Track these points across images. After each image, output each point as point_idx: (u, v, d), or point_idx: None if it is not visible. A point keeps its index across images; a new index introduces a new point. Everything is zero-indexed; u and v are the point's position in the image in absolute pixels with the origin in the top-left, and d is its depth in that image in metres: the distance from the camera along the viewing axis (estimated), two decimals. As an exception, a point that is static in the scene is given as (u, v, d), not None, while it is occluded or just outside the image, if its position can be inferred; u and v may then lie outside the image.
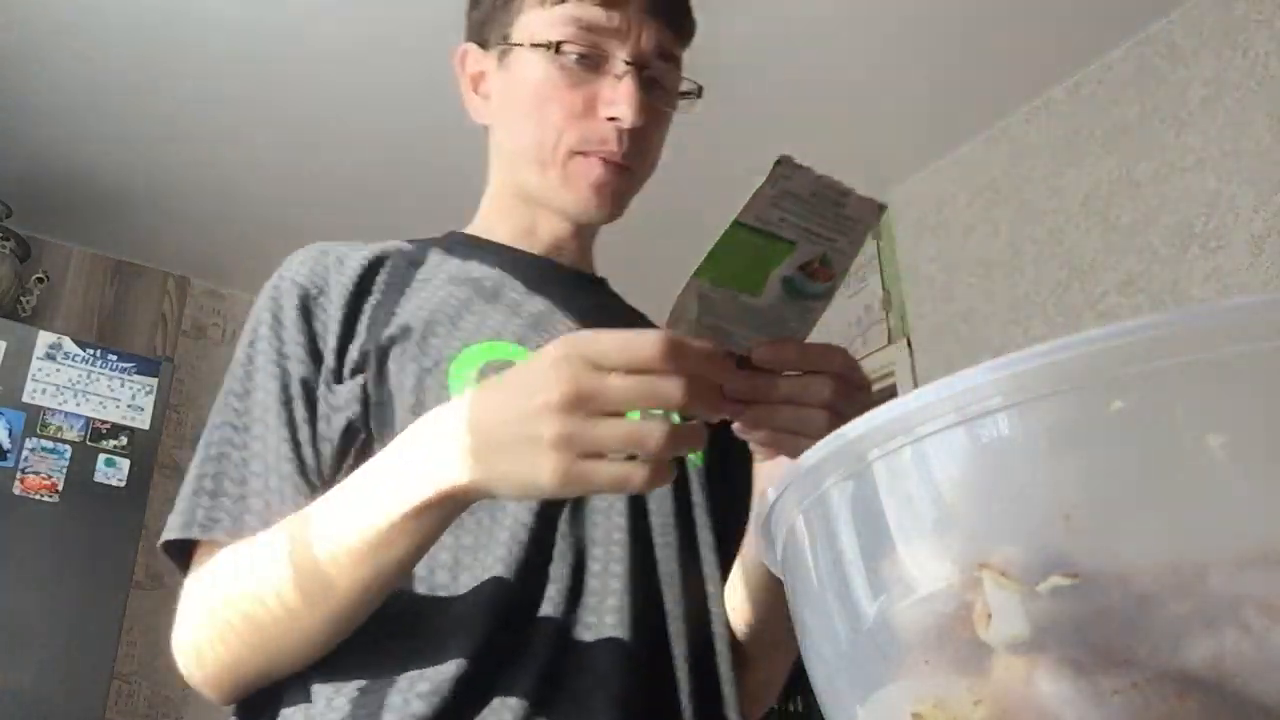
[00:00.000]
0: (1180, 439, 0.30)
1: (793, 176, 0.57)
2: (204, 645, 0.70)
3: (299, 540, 0.67)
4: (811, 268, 0.62)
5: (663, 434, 0.54)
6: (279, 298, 0.83)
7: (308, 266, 0.85)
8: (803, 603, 0.39)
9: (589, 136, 0.82)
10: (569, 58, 0.82)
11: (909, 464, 0.34)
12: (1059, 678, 0.30)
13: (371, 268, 0.84)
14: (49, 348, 2.76)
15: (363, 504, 0.64)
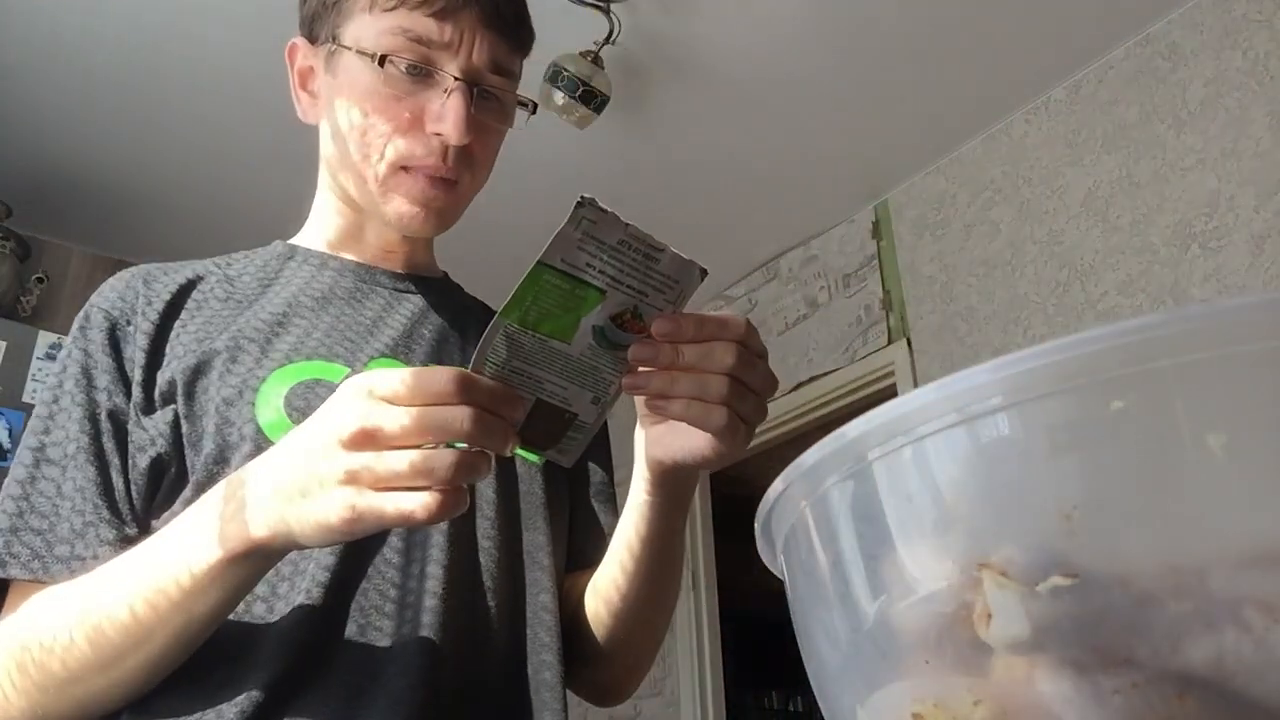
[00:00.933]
0: (1180, 439, 0.30)
1: (598, 221, 0.56)
2: (7, 690, 0.67)
3: (112, 588, 0.65)
4: (623, 319, 0.61)
5: (450, 461, 0.54)
6: (87, 327, 0.79)
7: (116, 293, 0.81)
8: (803, 603, 0.39)
9: (413, 151, 0.80)
10: (397, 69, 0.80)
11: (909, 464, 0.34)
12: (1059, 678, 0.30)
13: (183, 291, 0.82)
14: (49, 348, 2.76)
15: (174, 556, 0.63)
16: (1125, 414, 0.30)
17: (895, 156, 2.96)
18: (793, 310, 3.27)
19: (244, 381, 0.76)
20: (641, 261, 0.59)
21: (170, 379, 0.76)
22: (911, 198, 3.04)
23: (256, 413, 0.75)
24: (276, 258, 0.89)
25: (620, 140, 2.82)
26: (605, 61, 2.45)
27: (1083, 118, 2.63)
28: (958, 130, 2.87)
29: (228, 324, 0.80)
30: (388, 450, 0.55)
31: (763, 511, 0.40)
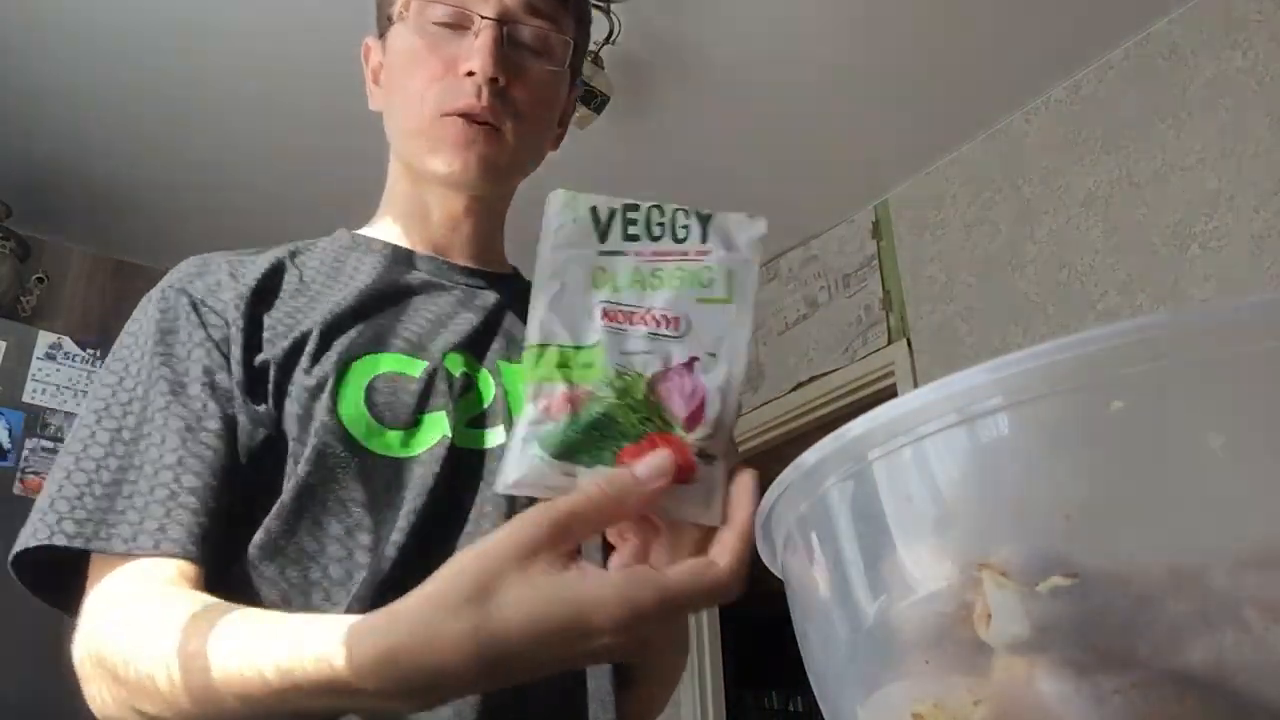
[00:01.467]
0: (1180, 439, 0.30)
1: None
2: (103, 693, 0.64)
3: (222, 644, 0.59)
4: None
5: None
6: (166, 307, 0.77)
7: (198, 276, 0.80)
8: (803, 603, 0.39)
9: (448, 95, 0.81)
10: (432, 24, 0.83)
11: (909, 464, 0.34)
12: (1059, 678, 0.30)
13: (267, 277, 0.81)
14: (49, 348, 2.76)
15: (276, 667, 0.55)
16: (1125, 414, 0.30)
17: (895, 156, 2.96)
18: (793, 310, 3.27)
19: (325, 373, 0.75)
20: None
21: (264, 364, 0.75)
22: (911, 198, 3.04)
23: (339, 405, 0.74)
24: (345, 249, 0.89)
25: (620, 140, 2.82)
26: (605, 61, 2.45)
27: (1083, 118, 2.63)
28: (958, 130, 2.87)
29: (307, 313, 0.79)
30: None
31: (763, 511, 0.40)
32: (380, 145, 0.90)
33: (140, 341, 0.76)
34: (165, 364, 0.74)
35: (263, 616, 0.61)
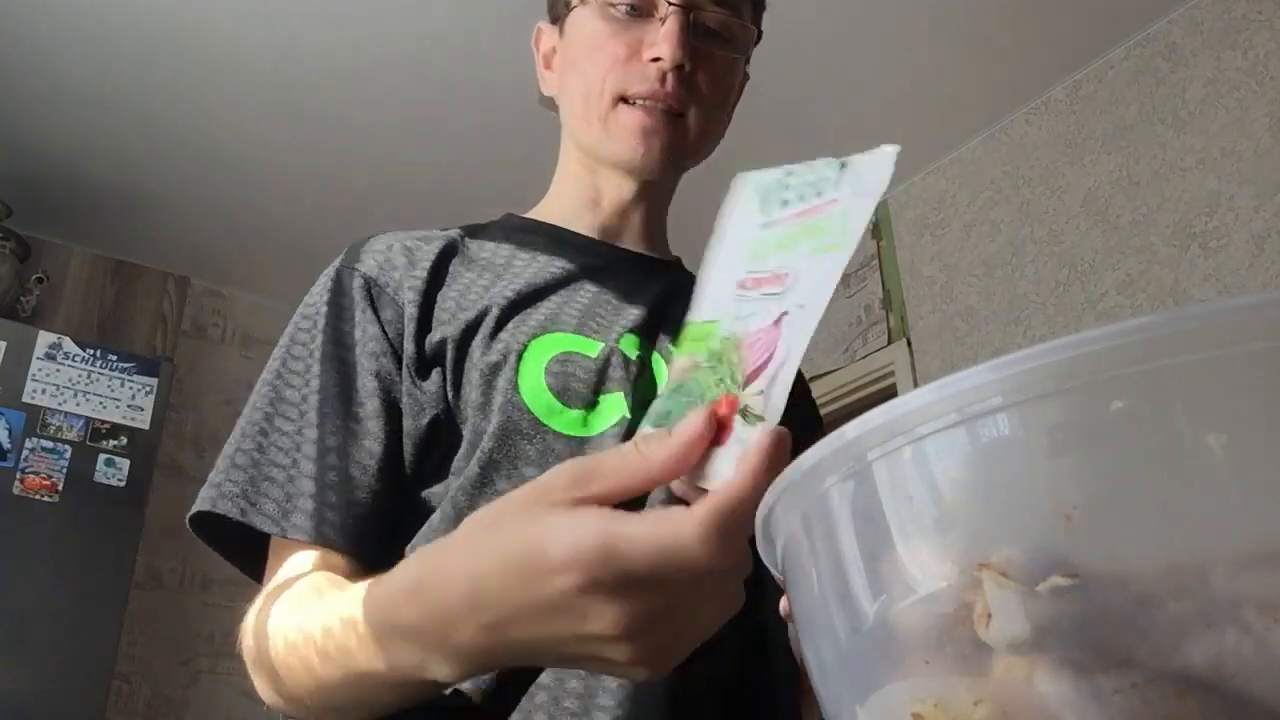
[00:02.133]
0: (1180, 439, 0.30)
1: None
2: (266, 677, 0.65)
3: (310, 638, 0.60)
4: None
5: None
6: (340, 291, 0.79)
7: (374, 258, 0.81)
8: (803, 603, 0.39)
9: (631, 79, 0.81)
10: (617, 9, 0.82)
11: (909, 464, 0.34)
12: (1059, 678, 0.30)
13: (442, 257, 0.82)
14: (49, 348, 2.76)
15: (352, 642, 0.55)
16: (1125, 414, 0.30)
17: (895, 156, 2.96)
18: (793, 310, 3.27)
19: (506, 349, 0.75)
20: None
21: (439, 343, 0.76)
22: (911, 198, 3.04)
23: (519, 380, 0.74)
24: (515, 231, 0.89)
25: (620, 140, 2.82)
26: (605, 61, 2.45)
27: (1083, 118, 2.63)
28: (958, 130, 2.87)
29: (482, 293, 0.80)
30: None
31: (762, 511, 0.40)
32: (379, 150, 0.90)
33: (312, 321, 0.78)
34: (333, 345, 0.76)
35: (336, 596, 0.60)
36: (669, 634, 0.44)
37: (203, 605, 3.33)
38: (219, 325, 3.63)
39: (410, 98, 2.69)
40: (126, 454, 2.76)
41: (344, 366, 0.75)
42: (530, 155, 3.00)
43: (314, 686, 0.60)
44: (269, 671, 0.64)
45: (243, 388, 3.61)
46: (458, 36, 2.48)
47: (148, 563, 3.22)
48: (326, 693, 0.59)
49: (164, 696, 3.19)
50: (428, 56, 2.56)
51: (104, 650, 2.60)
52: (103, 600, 2.63)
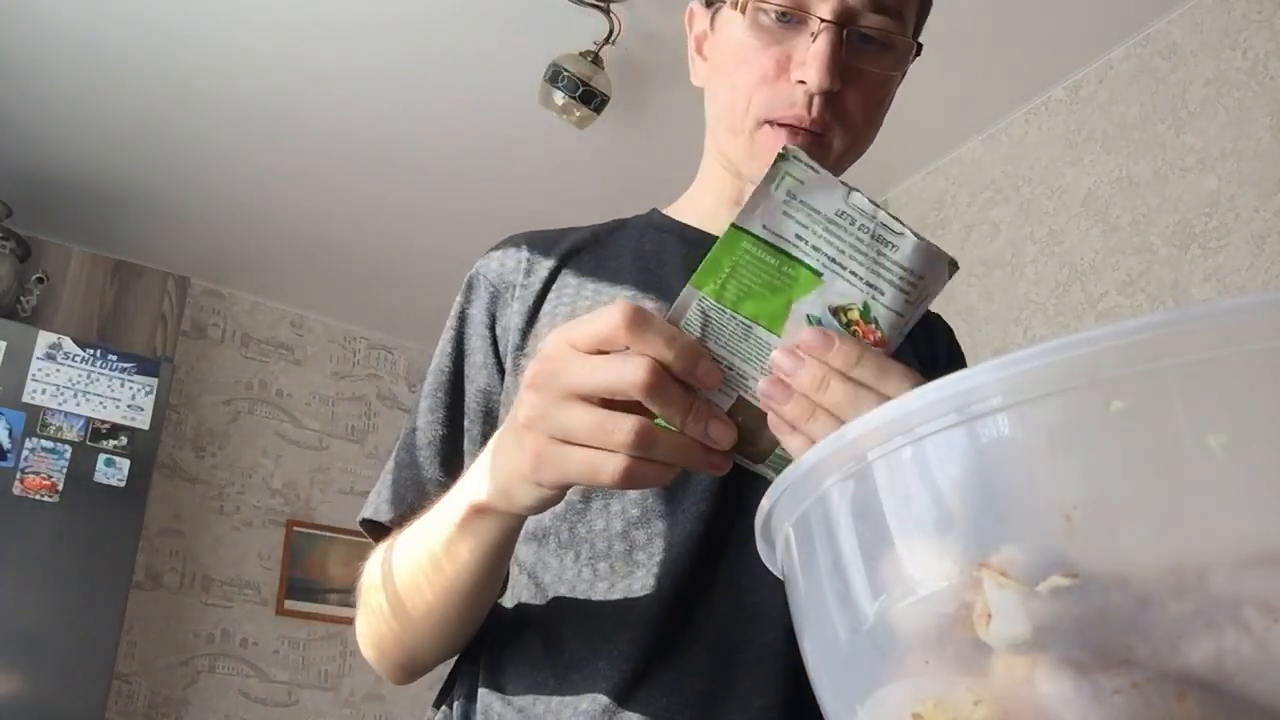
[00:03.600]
0: (1180, 439, 0.30)
1: (807, 181, 0.46)
2: (363, 625, 0.77)
3: (406, 540, 0.72)
4: (849, 316, 0.48)
5: (630, 428, 0.49)
6: (469, 295, 0.84)
7: (500, 263, 0.84)
8: (803, 603, 0.39)
9: (776, 102, 0.75)
10: (767, 17, 0.75)
11: (909, 464, 0.34)
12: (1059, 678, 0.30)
13: (562, 260, 0.83)
14: (49, 348, 2.76)
15: (436, 517, 0.67)
16: (1125, 414, 0.30)
17: (895, 156, 2.96)
18: (793, 310, 3.27)
19: None
20: (870, 244, 0.47)
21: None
22: (911, 198, 3.04)
23: None
24: (653, 229, 0.88)
25: (620, 140, 2.82)
26: (605, 61, 2.45)
27: (1083, 118, 2.62)
28: (958, 130, 2.87)
29: (605, 292, 0.81)
30: (570, 400, 0.51)
31: (763, 511, 0.40)
32: (379, 150, 0.90)
33: (447, 326, 0.84)
34: (453, 350, 0.82)
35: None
36: (552, 427, 0.51)
37: (203, 605, 3.33)
38: (219, 325, 3.63)
39: (411, 100, 2.69)
40: (126, 454, 2.76)
41: (454, 368, 0.82)
42: (530, 167, 3.00)
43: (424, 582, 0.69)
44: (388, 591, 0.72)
45: (242, 388, 3.61)
46: (461, 46, 2.48)
47: (147, 563, 3.22)
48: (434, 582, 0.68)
49: (164, 696, 3.19)
50: (430, 61, 2.56)
51: (104, 650, 2.60)
52: (103, 600, 2.63)
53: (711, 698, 0.68)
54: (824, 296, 0.48)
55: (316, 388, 3.76)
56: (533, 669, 0.72)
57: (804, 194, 0.46)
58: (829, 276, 0.48)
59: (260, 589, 3.43)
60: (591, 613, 0.72)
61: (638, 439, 0.49)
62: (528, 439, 0.53)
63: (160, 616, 3.25)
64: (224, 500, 3.46)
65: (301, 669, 3.43)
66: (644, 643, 0.69)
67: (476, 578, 0.67)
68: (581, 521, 0.74)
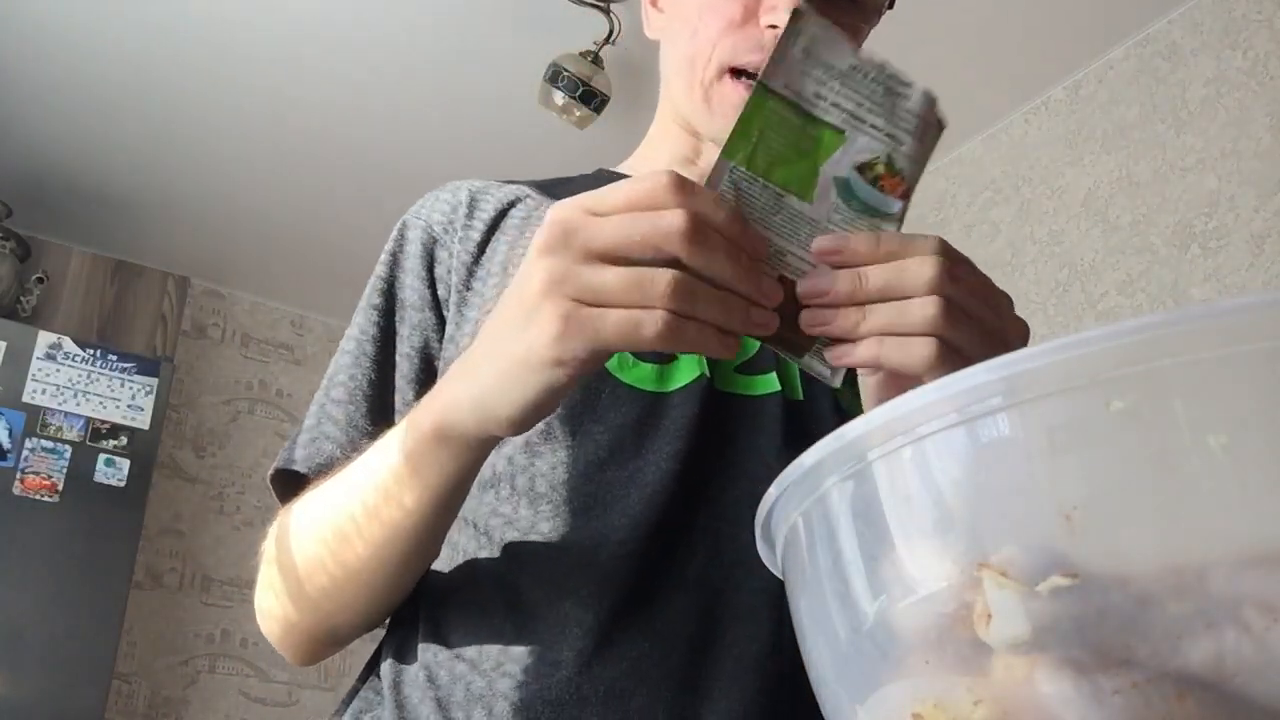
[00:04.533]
0: (1180, 439, 0.30)
1: (820, 39, 0.46)
2: (266, 593, 0.70)
3: (339, 485, 0.65)
4: (875, 171, 0.48)
5: (670, 279, 0.45)
6: (402, 241, 0.80)
7: (439, 209, 0.80)
8: (803, 603, 0.39)
9: (742, 47, 0.72)
10: None
11: (909, 464, 0.34)
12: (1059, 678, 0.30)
13: (502, 212, 0.79)
14: (49, 348, 2.76)
15: (389, 444, 0.60)
16: (1125, 414, 0.30)
17: (895, 156, 2.96)
18: (793, 310, 3.26)
19: None
20: (884, 96, 0.48)
21: (491, 302, 0.73)
22: (911, 198, 3.04)
23: None
24: (599, 184, 0.84)
25: (620, 140, 2.82)
26: (605, 61, 2.45)
27: (1083, 118, 2.62)
28: (958, 130, 2.87)
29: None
30: (590, 260, 0.46)
31: (762, 511, 0.40)
32: (378, 151, 0.90)
33: (374, 275, 0.79)
34: (382, 298, 0.77)
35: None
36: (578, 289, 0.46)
37: (203, 605, 3.33)
38: (219, 325, 3.63)
39: (412, 100, 2.69)
40: (126, 454, 2.75)
41: (385, 314, 0.76)
42: (530, 168, 3.00)
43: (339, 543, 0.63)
44: (289, 561, 0.66)
45: (242, 388, 3.61)
46: (462, 47, 2.48)
47: (147, 563, 3.22)
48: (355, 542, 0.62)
49: (164, 696, 3.19)
50: (430, 61, 2.56)
51: (104, 650, 2.60)
52: (102, 600, 2.63)
53: (699, 642, 0.63)
54: (848, 154, 0.48)
55: (316, 388, 3.75)
56: (485, 617, 0.66)
57: (818, 50, 0.46)
58: (851, 132, 0.48)
59: (260, 589, 3.43)
60: (554, 557, 0.66)
61: (679, 291, 0.45)
62: (548, 306, 0.46)
63: (160, 616, 3.25)
64: (224, 500, 3.46)
65: (301, 669, 3.43)
66: (617, 585, 0.64)
67: (424, 522, 0.60)
68: (540, 461, 0.68)
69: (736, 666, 0.63)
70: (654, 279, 0.45)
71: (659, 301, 0.45)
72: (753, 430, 0.70)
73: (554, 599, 0.65)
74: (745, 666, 0.63)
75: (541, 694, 0.61)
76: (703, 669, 0.63)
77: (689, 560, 0.66)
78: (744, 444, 0.70)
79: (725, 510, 0.67)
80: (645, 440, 0.68)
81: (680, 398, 0.70)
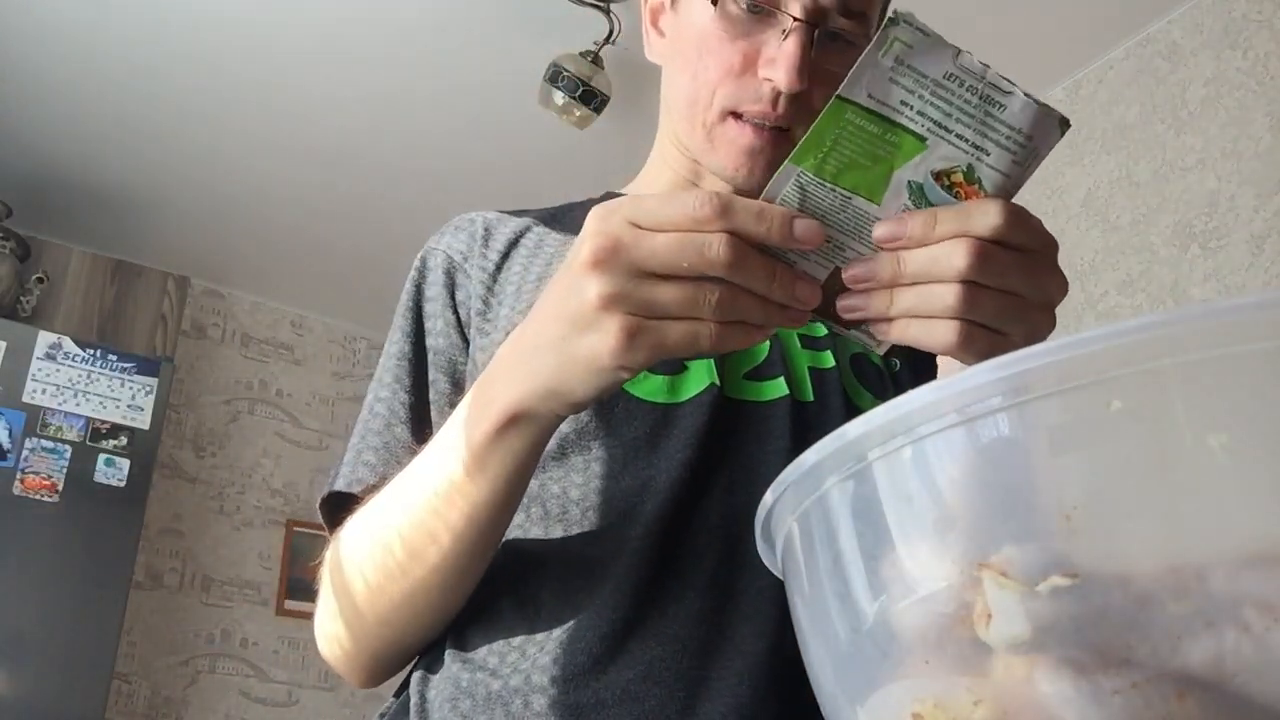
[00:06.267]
0: (1180, 439, 0.30)
1: (916, 46, 0.46)
2: (330, 614, 0.71)
3: (399, 493, 0.67)
4: (952, 179, 0.48)
5: (718, 298, 0.48)
6: (425, 268, 0.84)
7: (457, 239, 0.84)
8: (803, 603, 0.39)
9: (742, 96, 0.74)
10: (737, 6, 0.73)
11: (909, 464, 0.34)
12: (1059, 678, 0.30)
13: (514, 240, 0.83)
14: (49, 348, 2.76)
15: (451, 443, 0.62)
16: (1125, 414, 0.30)
17: (895, 156, 2.96)
18: (793, 310, 3.26)
19: None
20: (979, 105, 0.47)
21: (508, 322, 0.76)
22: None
23: None
24: None
25: (620, 140, 2.82)
26: (605, 61, 2.44)
27: (1083, 118, 2.62)
28: (958, 130, 2.87)
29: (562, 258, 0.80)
30: (646, 278, 0.49)
31: (762, 511, 0.40)
32: (378, 151, 0.90)
33: (401, 305, 0.83)
34: (412, 325, 0.81)
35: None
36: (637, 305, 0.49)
37: (203, 605, 3.33)
38: (219, 325, 3.63)
39: (412, 100, 2.69)
40: (126, 454, 2.75)
41: (414, 338, 0.80)
42: (530, 168, 3.00)
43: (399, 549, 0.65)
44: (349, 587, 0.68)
45: (242, 388, 3.61)
46: (462, 47, 2.48)
47: (148, 563, 3.22)
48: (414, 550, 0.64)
49: (164, 696, 3.19)
50: (430, 61, 2.56)
51: (104, 650, 2.60)
52: (103, 600, 2.63)
53: (709, 644, 0.65)
54: (927, 161, 0.48)
55: (316, 388, 3.76)
56: (499, 626, 0.68)
57: (912, 59, 0.46)
58: (933, 141, 0.47)
59: (260, 589, 3.43)
60: (569, 565, 0.69)
61: (726, 305, 0.49)
62: (609, 321, 0.49)
63: (160, 616, 3.25)
64: (224, 500, 3.46)
65: (301, 669, 3.43)
66: (630, 591, 0.66)
67: (503, 501, 0.62)
68: (554, 484, 0.71)
69: (745, 664, 0.65)
70: (706, 297, 0.49)
71: (710, 315, 0.49)
72: (762, 435, 0.73)
73: (570, 607, 0.67)
74: (753, 663, 0.65)
75: (560, 698, 0.64)
76: (713, 669, 0.65)
77: (699, 564, 0.68)
78: (753, 449, 0.72)
79: (734, 514, 0.69)
80: (657, 451, 0.71)
81: (691, 408, 0.72)
